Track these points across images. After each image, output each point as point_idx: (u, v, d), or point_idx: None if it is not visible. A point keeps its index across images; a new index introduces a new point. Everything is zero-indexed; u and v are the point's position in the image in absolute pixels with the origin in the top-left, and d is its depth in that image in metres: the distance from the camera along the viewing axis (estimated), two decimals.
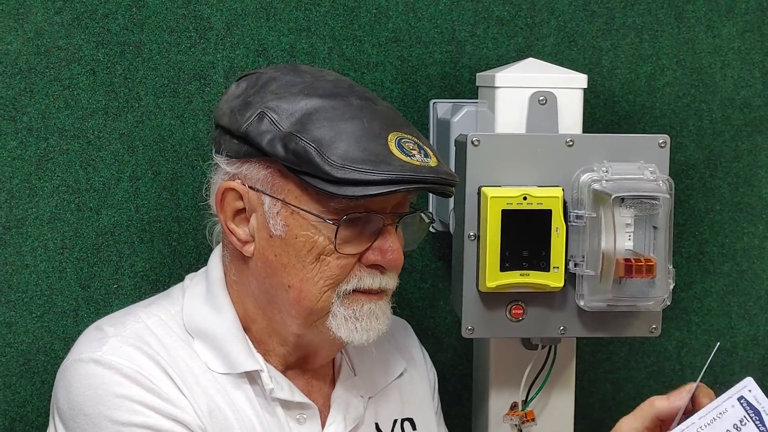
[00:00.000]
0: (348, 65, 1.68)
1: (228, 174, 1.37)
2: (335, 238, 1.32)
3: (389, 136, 1.33)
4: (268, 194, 1.34)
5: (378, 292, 1.37)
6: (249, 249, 1.37)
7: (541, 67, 1.59)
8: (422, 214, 1.41)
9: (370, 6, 1.68)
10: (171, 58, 1.63)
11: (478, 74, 1.65)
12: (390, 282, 1.37)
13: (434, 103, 1.69)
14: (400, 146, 1.33)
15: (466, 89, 1.71)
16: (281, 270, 1.35)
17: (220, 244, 1.44)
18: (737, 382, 1.88)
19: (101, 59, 1.61)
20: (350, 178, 1.29)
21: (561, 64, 1.64)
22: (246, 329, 1.40)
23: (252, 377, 1.39)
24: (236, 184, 1.36)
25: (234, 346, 1.38)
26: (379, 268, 1.36)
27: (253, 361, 1.38)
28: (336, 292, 1.35)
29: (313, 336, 1.39)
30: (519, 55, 1.71)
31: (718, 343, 1.25)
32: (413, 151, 1.33)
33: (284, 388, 1.39)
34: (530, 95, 1.52)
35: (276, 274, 1.36)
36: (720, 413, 1.22)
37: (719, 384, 1.85)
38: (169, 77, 1.63)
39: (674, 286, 1.48)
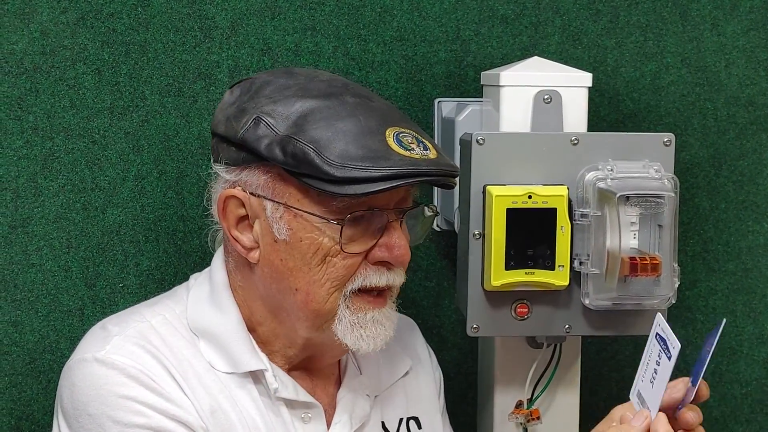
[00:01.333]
0: (353, 64, 1.68)
1: (228, 182, 1.36)
2: (340, 237, 1.32)
3: (387, 132, 1.32)
4: (269, 199, 1.34)
5: (381, 295, 1.37)
6: (254, 255, 1.36)
7: (545, 65, 1.59)
8: (426, 208, 1.40)
9: (374, 5, 1.68)
10: (176, 58, 1.63)
11: (482, 73, 1.65)
12: (397, 279, 1.37)
13: (439, 101, 1.69)
14: (398, 141, 1.32)
15: (471, 88, 1.71)
16: (288, 274, 1.35)
17: (222, 246, 1.44)
18: (742, 381, 1.88)
19: (106, 59, 1.61)
20: (351, 177, 1.28)
21: (566, 63, 1.64)
22: (251, 330, 1.40)
23: (256, 377, 1.39)
24: (237, 191, 1.35)
25: (238, 345, 1.38)
26: (385, 264, 1.35)
27: (258, 360, 1.38)
28: (343, 292, 1.34)
29: (321, 339, 1.38)
30: (524, 54, 1.71)
31: (724, 320, 1.27)
32: (412, 145, 1.32)
33: (288, 387, 1.39)
34: (535, 94, 1.52)
35: (283, 279, 1.35)
36: (649, 356, 1.28)
37: (724, 381, 1.85)
38: (174, 77, 1.63)
39: (679, 285, 1.48)
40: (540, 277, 1.45)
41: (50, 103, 1.60)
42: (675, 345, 1.22)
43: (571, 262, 1.46)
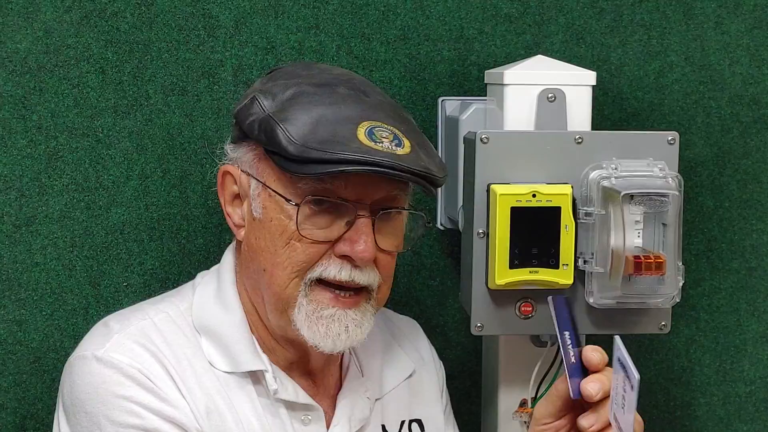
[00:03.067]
0: (356, 63, 1.68)
1: (228, 158, 1.40)
2: (296, 218, 1.31)
3: (362, 123, 1.31)
4: (253, 177, 1.36)
5: (352, 297, 1.34)
6: (241, 233, 1.38)
7: (549, 64, 1.59)
8: (413, 213, 1.38)
9: (378, 4, 1.68)
10: (179, 56, 1.63)
11: (486, 72, 1.65)
12: (362, 277, 1.33)
13: (443, 100, 1.69)
14: (370, 133, 1.31)
15: (475, 87, 1.71)
16: (259, 253, 1.35)
17: (232, 243, 1.45)
18: (746, 379, 1.88)
19: (110, 58, 1.61)
20: (307, 157, 1.28)
21: (569, 62, 1.64)
22: (255, 330, 1.40)
23: (256, 377, 1.38)
24: (231, 167, 1.38)
25: (240, 345, 1.38)
26: (349, 260, 1.33)
27: (258, 361, 1.38)
28: (303, 280, 1.33)
29: (293, 331, 1.36)
30: (527, 53, 1.71)
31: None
32: (384, 140, 1.30)
33: (288, 389, 1.39)
34: (539, 92, 1.52)
35: (256, 258, 1.36)
36: (616, 379, 1.24)
37: (728, 380, 1.85)
38: (178, 75, 1.63)
39: (683, 283, 1.48)
40: (544, 275, 1.45)
41: (54, 102, 1.60)
42: (633, 376, 1.18)
43: (576, 261, 1.46)
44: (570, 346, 1.30)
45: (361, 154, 1.28)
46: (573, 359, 1.29)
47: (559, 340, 1.31)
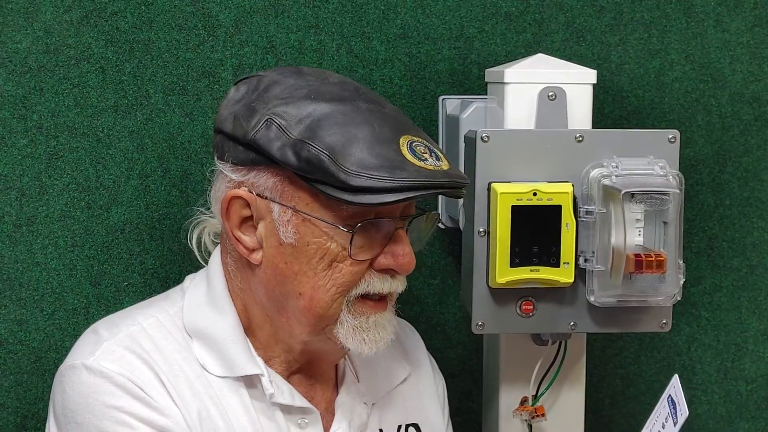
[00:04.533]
0: (356, 62, 1.68)
1: (233, 182, 1.35)
2: (350, 245, 1.31)
3: (401, 140, 1.31)
4: (277, 202, 1.32)
5: (383, 300, 1.36)
6: (256, 257, 1.35)
7: (550, 62, 1.59)
8: (430, 214, 1.40)
9: (378, 2, 1.68)
10: (180, 56, 1.63)
11: (487, 70, 1.65)
12: (400, 286, 1.36)
13: (443, 99, 1.69)
14: (412, 150, 1.31)
15: (475, 85, 1.71)
16: (292, 277, 1.33)
17: (219, 246, 1.43)
18: (748, 377, 1.88)
19: (110, 57, 1.61)
20: (366, 186, 1.27)
21: (570, 60, 1.63)
22: (249, 333, 1.39)
23: (250, 381, 1.37)
24: (243, 192, 1.34)
25: (235, 349, 1.37)
26: (390, 272, 1.34)
27: (254, 364, 1.37)
28: (346, 298, 1.34)
29: (320, 343, 1.38)
30: (528, 51, 1.71)
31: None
32: (425, 155, 1.32)
33: (285, 392, 1.38)
34: (539, 91, 1.52)
35: (287, 282, 1.34)
36: (658, 415, 1.29)
37: (729, 378, 1.85)
38: (178, 75, 1.63)
39: (684, 282, 1.48)
40: (545, 274, 1.45)
41: (54, 101, 1.60)
42: (683, 412, 1.23)
43: (576, 260, 1.46)
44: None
45: (424, 178, 1.29)
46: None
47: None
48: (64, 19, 1.59)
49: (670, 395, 1.26)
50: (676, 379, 1.27)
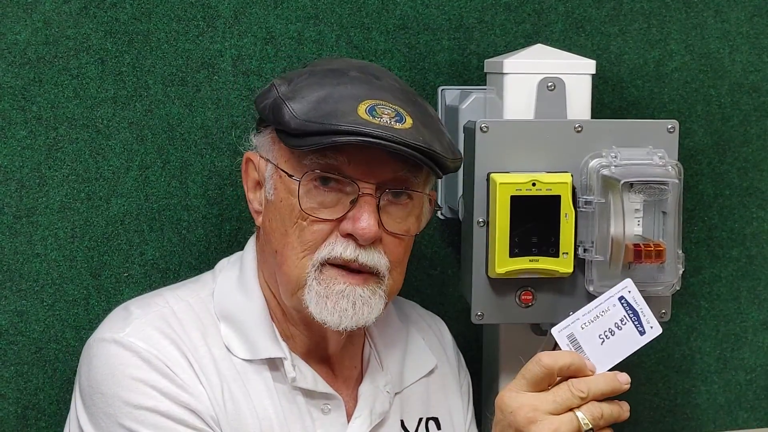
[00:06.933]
0: (356, 53, 1.68)
1: (252, 146, 1.43)
2: (298, 193, 1.32)
3: (366, 101, 1.31)
4: (268, 160, 1.38)
5: (360, 274, 1.34)
6: (260, 218, 1.40)
7: (549, 53, 1.59)
8: (418, 193, 1.37)
9: None
10: (179, 47, 1.63)
11: (486, 61, 1.65)
12: (367, 257, 1.33)
13: (442, 90, 1.69)
14: (371, 109, 1.30)
15: (475, 76, 1.71)
16: (272, 235, 1.37)
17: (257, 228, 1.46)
18: (747, 367, 1.88)
19: (110, 48, 1.61)
20: (304, 130, 1.30)
21: (569, 50, 1.63)
22: (274, 315, 1.41)
23: (274, 365, 1.39)
24: (253, 154, 1.41)
25: (259, 331, 1.38)
26: (353, 239, 1.33)
27: (278, 348, 1.38)
28: (312, 260, 1.33)
29: (305, 310, 1.36)
30: (527, 42, 1.71)
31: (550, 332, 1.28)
32: (384, 115, 1.30)
33: (308, 377, 1.39)
34: (539, 81, 1.52)
35: (269, 240, 1.37)
36: (602, 311, 1.27)
37: (729, 368, 1.85)
38: (178, 66, 1.63)
39: (683, 272, 1.48)
40: (544, 264, 1.45)
41: (54, 93, 1.60)
42: (655, 327, 1.23)
43: (576, 250, 1.46)
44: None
45: (355, 125, 1.28)
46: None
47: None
48: (64, 10, 1.59)
49: (623, 296, 1.24)
50: (630, 283, 1.26)
